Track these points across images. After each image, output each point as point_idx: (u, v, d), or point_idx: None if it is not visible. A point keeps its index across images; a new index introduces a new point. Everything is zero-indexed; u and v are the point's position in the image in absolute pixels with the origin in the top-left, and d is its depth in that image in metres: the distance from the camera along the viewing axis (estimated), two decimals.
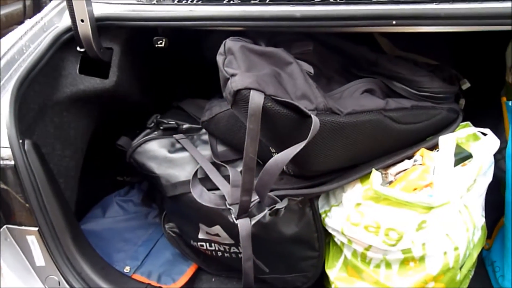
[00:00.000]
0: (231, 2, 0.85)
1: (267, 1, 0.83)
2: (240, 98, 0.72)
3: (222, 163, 0.93)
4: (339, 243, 0.91)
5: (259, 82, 0.72)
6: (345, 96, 0.84)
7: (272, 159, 0.72)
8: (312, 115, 0.71)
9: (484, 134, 0.90)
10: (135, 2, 0.92)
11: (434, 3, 0.76)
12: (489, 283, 1.01)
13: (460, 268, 0.89)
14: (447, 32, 0.85)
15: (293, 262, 0.95)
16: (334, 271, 0.94)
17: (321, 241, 0.92)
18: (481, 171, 0.82)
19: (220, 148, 0.98)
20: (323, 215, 0.90)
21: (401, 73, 0.89)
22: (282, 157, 0.71)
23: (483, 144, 0.85)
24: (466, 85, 0.98)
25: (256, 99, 0.70)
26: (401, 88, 0.89)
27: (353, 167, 0.89)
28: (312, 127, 0.70)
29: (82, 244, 0.88)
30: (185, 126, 1.03)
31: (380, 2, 0.77)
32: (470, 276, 1.02)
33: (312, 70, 0.80)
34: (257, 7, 0.82)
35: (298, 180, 0.88)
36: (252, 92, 0.70)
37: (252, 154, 0.73)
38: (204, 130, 1.01)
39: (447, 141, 0.81)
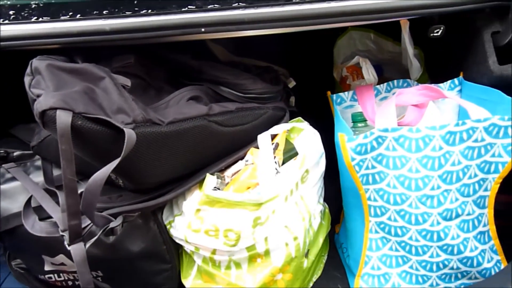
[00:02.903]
0: (40, 19, 0.80)
1: (77, 17, 0.80)
2: (48, 119, 0.68)
3: (54, 189, 0.88)
4: (189, 251, 0.91)
5: (66, 100, 0.68)
6: (171, 105, 0.84)
7: (91, 177, 0.69)
8: (125, 129, 0.69)
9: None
10: None
11: (241, 9, 0.79)
12: (342, 264, 1.08)
13: (306, 255, 0.94)
14: (282, 34, 0.89)
15: (148, 277, 0.92)
16: (189, 280, 0.93)
17: (171, 252, 0.91)
18: (306, 163, 0.87)
19: (57, 172, 0.93)
20: (168, 226, 0.90)
21: (226, 78, 0.91)
22: (101, 174, 0.69)
23: (303, 137, 0.90)
24: (292, 84, 1.04)
25: (63, 119, 0.67)
26: (228, 92, 0.92)
27: (193, 174, 0.90)
28: (126, 141, 0.69)
29: None
30: (16, 153, 0.95)
31: (190, 11, 0.79)
32: (324, 261, 1.09)
33: (129, 83, 0.79)
34: (66, 24, 0.79)
35: (136, 196, 0.86)
36: (58, 111, 0.67)
37: (71, 176, 0.70)
38: (38, 156, 0.95)
39: (263, 138, 0.85)
